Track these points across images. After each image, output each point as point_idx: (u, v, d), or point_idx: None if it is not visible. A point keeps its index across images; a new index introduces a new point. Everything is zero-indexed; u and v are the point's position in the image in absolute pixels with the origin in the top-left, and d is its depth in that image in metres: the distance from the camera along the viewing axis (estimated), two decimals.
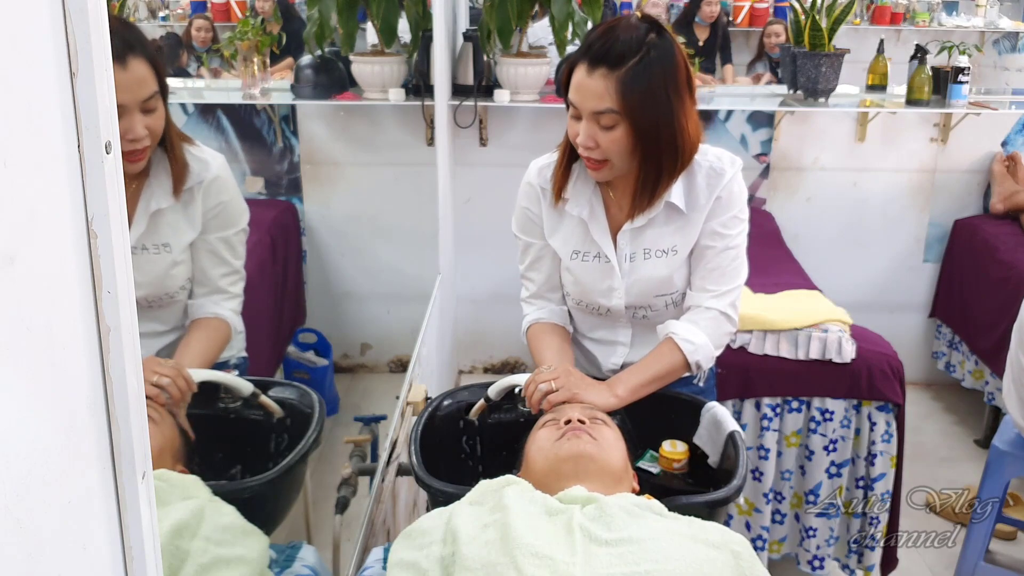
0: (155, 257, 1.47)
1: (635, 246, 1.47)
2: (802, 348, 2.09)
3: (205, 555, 1.02)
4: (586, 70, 1.32)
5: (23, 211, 0.46)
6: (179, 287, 1.52)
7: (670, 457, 1.40)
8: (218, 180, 1.50)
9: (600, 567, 0.96)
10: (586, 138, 1.35)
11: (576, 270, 1.50)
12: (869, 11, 5.71)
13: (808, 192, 3.34)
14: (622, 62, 1.30)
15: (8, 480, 0.45)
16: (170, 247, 1.47)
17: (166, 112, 1.40)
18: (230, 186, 1.53)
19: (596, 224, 1.47)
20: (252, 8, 3.49)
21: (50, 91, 0.48)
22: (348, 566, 1.40)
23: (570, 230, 1.50)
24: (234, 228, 1.55)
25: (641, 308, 1.51)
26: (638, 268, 1.48)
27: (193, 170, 1.47)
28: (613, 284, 1.49)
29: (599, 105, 1.32)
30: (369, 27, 2.87)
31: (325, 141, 3.07)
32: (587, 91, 1.33)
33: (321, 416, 1.38)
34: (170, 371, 1.32)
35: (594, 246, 1.48)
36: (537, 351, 1.54)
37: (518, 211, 1.55)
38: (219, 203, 1.50)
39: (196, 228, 1.50)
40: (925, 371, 3.51)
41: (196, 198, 1.48)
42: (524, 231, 1.55)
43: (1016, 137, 3.32)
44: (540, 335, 1.56)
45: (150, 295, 1.50)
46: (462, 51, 2.98)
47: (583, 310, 1.56)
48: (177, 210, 1.47)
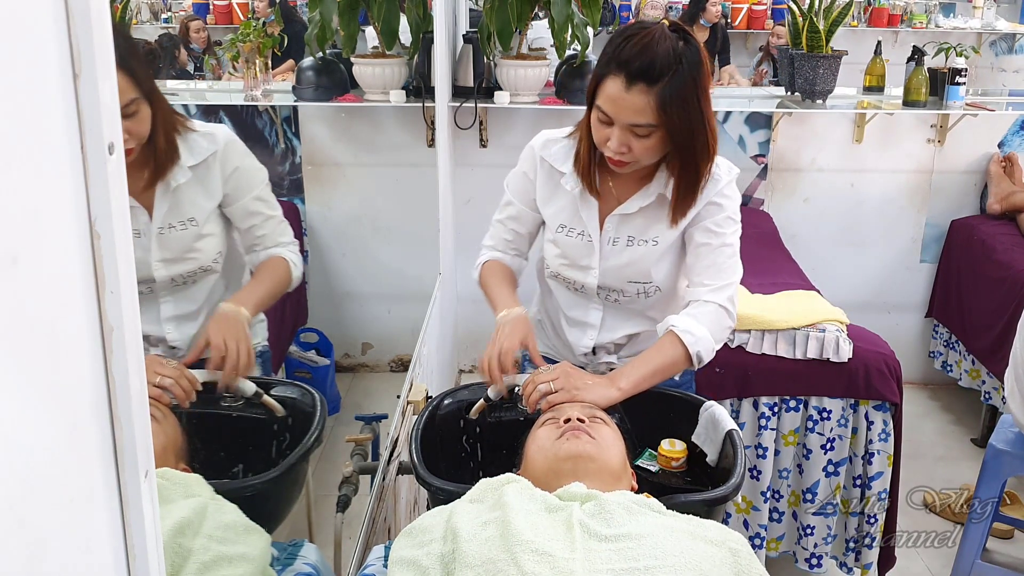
0: (183, 233, 1.54)
1: (620, 232, 1.52)
2: (800, 347, 2.10)
3: (207, 553, 1.02)
4: (623, 85, 1.33)
5: (26, 211, 0.47)
6: (211, 260, 1.59)
7: (669, 456, 1.41)
8: (228, 146, 1.57)
9: (599, 563, 0.96)
10: (619, 145, 1.37)
11: (561, 243, 1.55)
12: (866, 13, 5.72)
13: (806, 193, 3.35)
14: (661, 77, 1.32)
15: (11, 478, 0.45)
16: (195, 220, 1.55)
17: (159, 106, 1.44)
18: (240, 149, 1.60)
19: (586, 204, 1.52)
20: (253, 11, 3.50)
21: (53, 92, 0.49)
22: (349, 564, 1.41)
23: (562, 204, 1.55)
24: (260, 184, 1.63)
25: (614, 291, 1.56)
26: (619, 252, 1.52)
27: (201, 145, 1.54)
28: (591, 263, 1.53)
29: (637, 119, 1.34)
30: (370, 29, 2.87)
31: (326, 142, 3.08)
32: (625, 106, 1.34)
33: (323, 415, 1.38)
34: (173, 372, 1.33)
35: (580, 223, 1.53)
36: (491, 280, 1.60)
37: (516, 171, 1.61)
38: (235, 168, 1.57)
39: (215, 197, 1.57)
40: (922, 370, 3.52)
41: (213, 168, 1.55)
42: (514, 191, 1.61)
43: (1013, 138, 3.33)
44: (496, 271, 1.62)
45: (185, 271, 1.56)
46: (462, 53, 2.98)
47: (560, 283, 1.61)
48: (194, 183, 1.53)
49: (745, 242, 1.54)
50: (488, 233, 1.67)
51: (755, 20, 5.58)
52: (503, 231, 1.64)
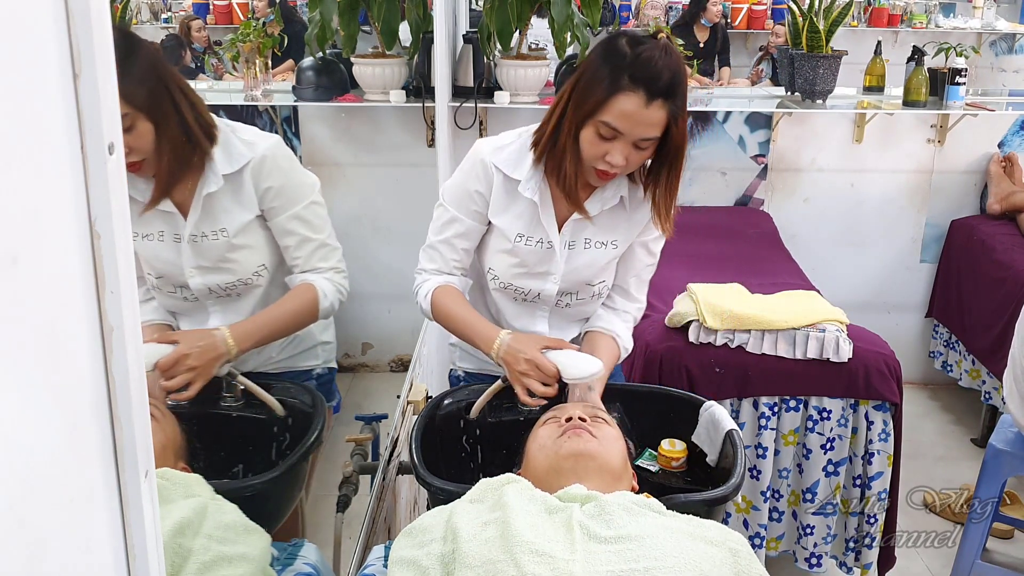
0: (215, 243, 1.48)
1: (576, 235, 1.51)
2: (799, 347, 2.10)
3: (207, 553, 1.02)
4: (643, 101, 1.30)
5: (26, 211, 0.47)
6: (252, 272, 1.52)
7: (669, 456, 1.41)
8: (267, 160, 1.47)
9: (599, 564, 0.97)
10: (621, 159, 1.35)
11: (519, 251, 1.51)
12: (866, 13, 5.72)
13: (806, 193, 3.35)
14: (677, 92, 1.32)
15: (11, 478, 0.45)
16: (227, 231, 1.48)
17: (177, 110, 1.38)
18: (282, 164, 1.50)
19: (546, 210, 1.49)
20: (253, 11, 3.50)
21: (53, 92, 0.49)
22: (349, 564, 1.41)
23: (518, 212, 1.50)
24: (302, 203, 1.52)
25: (570, 295, 1.57)
26: (577, 256, 1.52)
27: (240, 152, 1.46)
28: (551, 269, 1.52)
29: (649, 133, 1.34)
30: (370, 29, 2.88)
31: (326, 142, 3.08)
32: (641, 121, 1.32)
33: (323, 415, 1.38)
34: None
35: (539, 231, 1.50)
36: (458, 310, 1.51)
37: (457, 185, 1.52)
38: (270, 184, 1.48)
39: (251, 209, 1.49)
40: (922, 370, 3.52)
41: (245, 179, 1.47)
42: (458, 205, 1.52)
43: (1013, 138, 3.33)
44: (455, 298, 1.53)
45: (222, 283, 1.51)
46: (462, 53, 2.98)
47: (507, 294, 1.57)
48: (227, 192, 1.46)
49: (745, 242, 1.55)
50: (425, 256, 1.57)
51: (755, 20, 5.57)
52: (448, 251, 1.54)
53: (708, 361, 2.11)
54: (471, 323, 1.49)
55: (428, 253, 1.57)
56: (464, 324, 1.50)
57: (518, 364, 1.39)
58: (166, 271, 1.51)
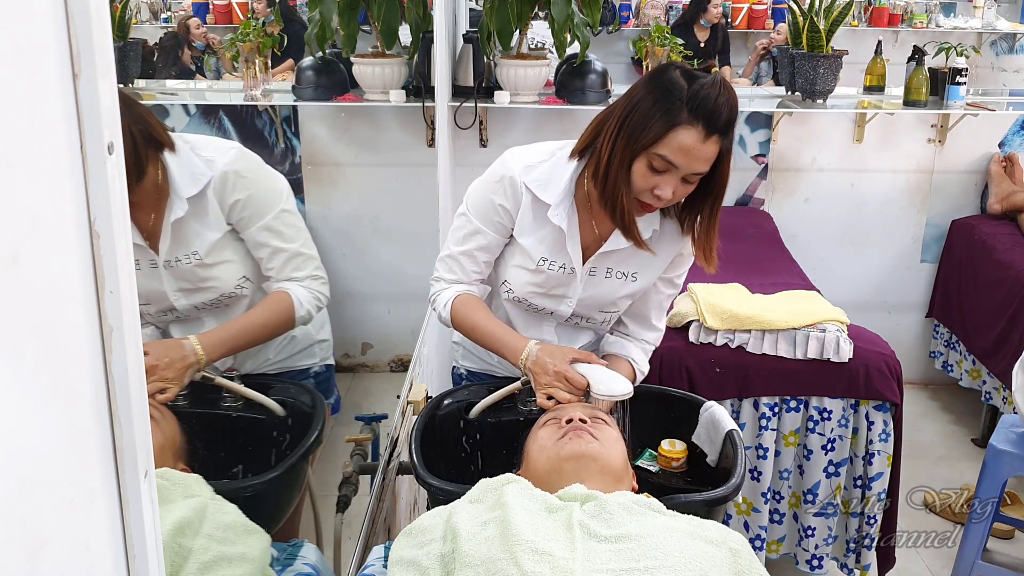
0: (189, 267, 1.47)
1: (599, 263, 1.49)
2: (800, 348, 2.10)
3: (207, 553, 1.02)
4: (701, 136, 1.28)
5: (26, 211, 0.46)
6: (234, 286, 1.51)
7: (669, 456, 1.41)
8: (228, 176, 1.44)
9: (599, 563, 0.96)
10: (671, 193, 1.33)
11: (539, 275, 1.50)
12: (867, 13, 5.71)
13: (806, 193, 3.35)
14: (731, 129, 1.32)
15: (11, 479, 0.45)
16: (198, 253, 1.46)
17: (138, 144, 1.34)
18: (245, 176, 1.46)
19: (572, 238, 1.47)
20: (253, 10, 3.50)
21: (53, 92, 0.49)
22: (349, 564, 1.41)
23: (543, 235, 1.47)
24: (270, 213, 1.49)
25: (582, 318, 1.56)
26: (597, 283, 1.51)
27: (201, 171, 1.43)
28: (568, 293, 1.51)
29: (701, 168, 1.32)
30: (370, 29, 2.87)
31: (326, 142, 3.07)
32: (699, 156, 1.30)
33: (322, 415, 1.38)
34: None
35: (563, 256, 1.48)
36: (482, 319, 1.50)
37: (483, 199, 1.49)
38: (235, 200, 1.45)
39: (219, 227, 1.46)
40: (922, 370, 3.52)
41: (208, 198, 1.44)
42: (482, 217, 1.49)
43: (1013, 138, 3.33)
44: (477, 307, 1.51)
45: (207, 300, 1.51)
46: (462, 53, 2.98)
47: (521, 307, 1.57)
48: (192, 216, 1.44)
49: (745, 242, 1.55)
50: (444, 266, 1.54)
51: (755, 20, 5.57)
52: (470, 263, 1.52)
53: (708, 361, 2.11)
54: (497, 334, 1.48)
55: (448, 263, 1.54)
56: (489, 334, 1.49)
57: (546, 375, 1.39)
58: (152, 298, 1.50)
